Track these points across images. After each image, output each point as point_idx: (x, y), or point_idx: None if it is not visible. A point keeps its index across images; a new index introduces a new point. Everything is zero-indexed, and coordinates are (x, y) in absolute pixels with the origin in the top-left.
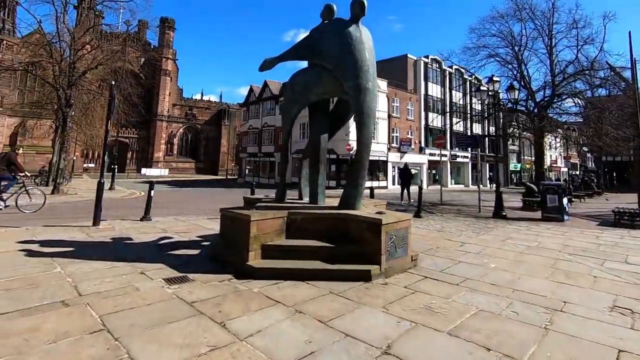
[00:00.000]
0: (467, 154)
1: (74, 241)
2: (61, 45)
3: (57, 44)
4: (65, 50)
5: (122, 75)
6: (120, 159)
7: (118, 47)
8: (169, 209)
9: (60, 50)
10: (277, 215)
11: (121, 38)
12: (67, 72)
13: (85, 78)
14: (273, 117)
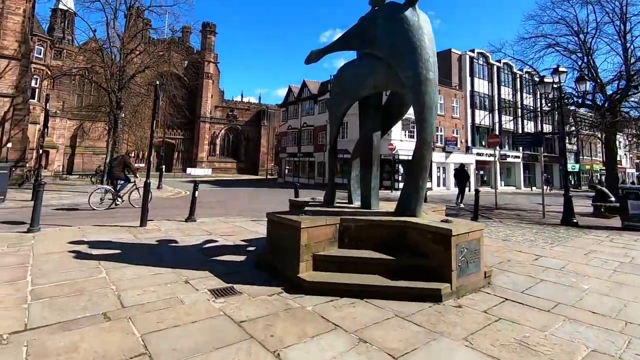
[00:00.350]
0: (519, 153)
1: (120, 243)
2: (112, 50)
3: (108, 49)
4: (116, 55)
5: (167, 78)
6: (168, 159)
7: (163, 51)
8: (213, 209)
9: (111, 55)
10: (329, 221)
11: (165, 43)
12: (118, 76)
13: (133, 81)
14: (312, 117)
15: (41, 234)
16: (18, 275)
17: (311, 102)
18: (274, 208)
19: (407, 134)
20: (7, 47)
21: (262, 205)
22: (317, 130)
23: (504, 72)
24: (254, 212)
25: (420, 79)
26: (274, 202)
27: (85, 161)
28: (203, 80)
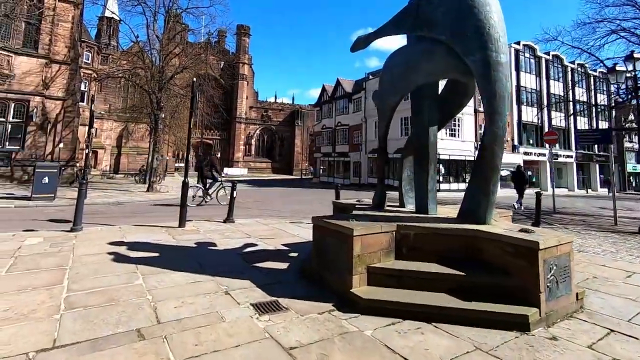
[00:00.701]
0: (571, 152)
1: (159, 245)
2: (152, 52)
3: (149, 51)
4: (156, 57)
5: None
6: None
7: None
8: (250, 210)
9: (151, 57)
10: (385, 229)
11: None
12: (158, 77)
13: (172, 82)
14: (347, 116)
15: (83, 233)
16: (55, 278)
17: (345, 101)
18: (313, 210)
19: (447, 131)
20: (58, 52)
21: (300, 207)
22: (352, 129)
23: (553, 65)
24: (293, 213)
25: (489, 62)
26: (311, 203)
27: (130, 161)
28: (238, 81)
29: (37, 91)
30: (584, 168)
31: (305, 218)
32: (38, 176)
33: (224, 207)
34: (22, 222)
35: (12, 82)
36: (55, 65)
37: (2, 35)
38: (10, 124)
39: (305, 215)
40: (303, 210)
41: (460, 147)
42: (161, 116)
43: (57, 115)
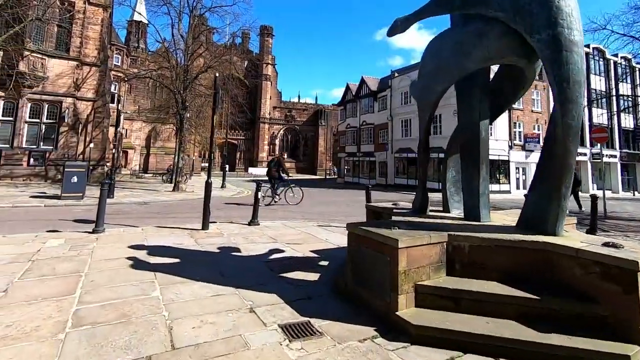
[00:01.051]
0: (615, 152)
1: (180, 249)
2: (176, 52)
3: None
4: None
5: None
6: (231, 158)
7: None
8: (276, 211)
9: (176, 56)
10: (435, 239)
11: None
12: (182, 77)
13: (197, 82)
14: (372, 115)
15: (104, 235)
16: (68, 287)
17: (370, 100)
18: (341, 212)
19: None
20: (88, 54)
21: (327, 208)
22: (377, 128)
23: (593, 58)
24: (320, 215)
25: (560, 41)
26: (339, 205)
27: (158, 160)
28: (262, 82)
29: (69, 92)
30: (629, 168)
31: (333, 221)
32: (67, 175)
33: (280, 208)
34: (49, 222)
35: (46, 83)
36: (85, 67)
37: (36, 38)
38: (44, 124)
39: (333, 217)
40: (331, 213)
41: (493, 147)
42: (186, 116)
43: (87, 116)
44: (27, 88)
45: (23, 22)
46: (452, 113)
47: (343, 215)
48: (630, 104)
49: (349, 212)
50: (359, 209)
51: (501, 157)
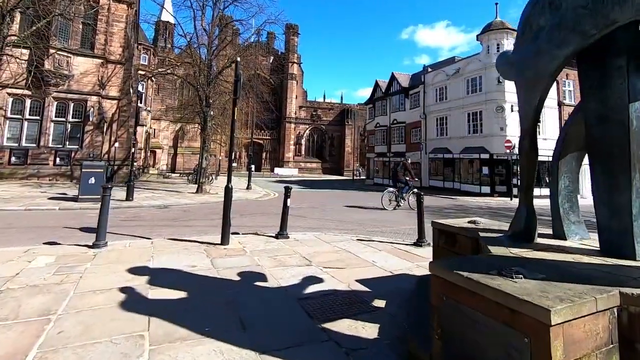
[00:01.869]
0: None
1: (191, 275)
2: (199, 48)
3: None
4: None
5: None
6: (257, 159)
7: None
8: (305, 218)
9: (199, 51)
10: (602, 303)
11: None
12: (206, 72)
13: (222, 78)
14: (403, 113)
15: (104, 252)
16: (23, 342)
17: (401, 97)
18: (382, 221)
19: None
20: (113, 52)
21: (363, 216)
22: (409, 127)
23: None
24: (358, 225)
25: None
26: (377, 211)
27: (185, 160)
28: (287, 81)
29: (94, 91)
30: None
31: (374, 233)
32: (84, 176)
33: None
34: (54, 229)
35: (71, 82)
36: (110, 65)
37: (61, 36)
38: (70, 123)
39: (374, 227)
40: (369, 222)
41: (542, 146)
42: (210, 113)
43: (112, 115)
44: (52, 86)
45: (47, 18)
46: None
47: (385, 225)
48: None
49: (392, 220)
50: (403, 217)
51: (550, 157)
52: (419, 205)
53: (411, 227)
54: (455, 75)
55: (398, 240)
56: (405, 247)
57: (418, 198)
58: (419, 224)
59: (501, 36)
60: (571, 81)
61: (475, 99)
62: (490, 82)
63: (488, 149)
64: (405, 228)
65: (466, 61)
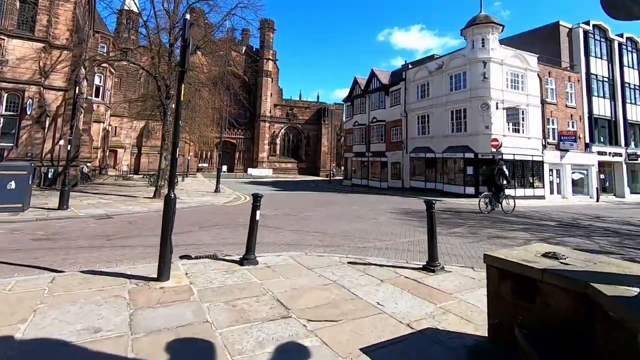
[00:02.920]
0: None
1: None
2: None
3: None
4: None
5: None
6: (230, 159)
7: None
8: (281, 230)
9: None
10: None
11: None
12: (167, 59)
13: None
14: (383, 111)
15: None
16: None
17: (381, 94)
18: (373, 232)
19: (510, 126)
20: (59, 36)
21: (349, 224)
22: (390, 125)
23: (626, 49)
24: (345, 238)
25: None
26: (363, 218)
27: (151, 161)
28: (262, 78)
29: (33, 80)
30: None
31: (367, 248)
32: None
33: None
34: None
35: (5, 69)
36: (55, 51)
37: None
38: (3, 117)
39: (365, 241)
40: (358, 232)
41: (526, 145)
42: (171, 106)
43: (57, 108)
44: None
45: None
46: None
47: (377, 238)
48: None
49: (383, 230)
50: (395, 225)
51: (535, 157)
52: (430, 217)
53: (409, 240)
54: (438, 72)
55: (400, 261)
56: (413, 275)
57: (429, 207)
58: (430, 241)
59: (486, 30)
60: (553, 79)
61: (459, 96)
62: (475, 78)
63: (473, 148)
64: (402, 242)
65: (450, 57)
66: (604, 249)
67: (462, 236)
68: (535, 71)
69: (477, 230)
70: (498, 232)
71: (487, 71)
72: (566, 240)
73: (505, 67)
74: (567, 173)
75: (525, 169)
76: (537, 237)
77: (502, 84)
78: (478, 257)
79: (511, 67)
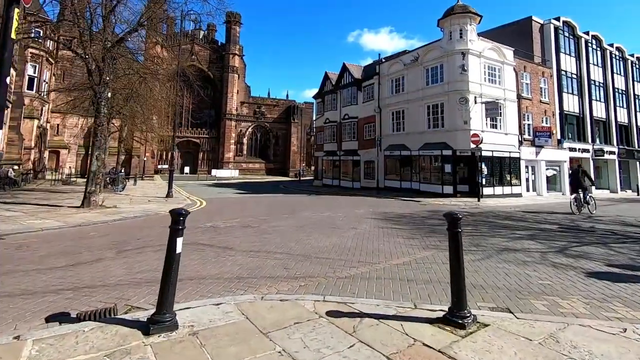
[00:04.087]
0: (614, 148)
1: None
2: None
3: None
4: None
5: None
6: (193, 160)
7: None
8: (233, 251)
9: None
10: None
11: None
12: (102, 37)
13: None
14: (355, 107)
15: None
16: None
17: (354, 90)
18: (358, 250)
19: (488, 122)
20: None
21: (322, 240)
22: (362, 122)
23: (592, 46)
24: (316, 260)
25: None
26: (341, 226)
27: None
28: (228, 74)
29: None
30: (623, 166)
31: (353, 281)
32: None
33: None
34: None
35: None
36: None
37: None
38: None
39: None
40: (337, 250)
41: (504, 141)
42: (106, 95)
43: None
44: None
45: None
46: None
47: (366, 261)
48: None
49: (370, 248)
50: (382, 239)
51: (512, 153)
52: (456, 243)
53: (406, 262)
54: (413, 65)
55: (405, 304)
56: (435, 337)
57: (453, 224)
58: (456, 277)
59: (464, 21)
60: (528, 74)
61: (436, 90)
62: (453, 71)
63: (451, 145)
64: (397, 264)
65: (425, 49)
66: (637, 262)
67: (466, 250)
68: (512, 65)
69: (478, 239)
70: (504, 242)
71: (466, 63)
72: (587, 252)
73: (483, 59)
74: (542, 170)
75: (503, 166)
76: (551, 247)
77: (481, 77)
78: (506, 288)
79: (489, 60)
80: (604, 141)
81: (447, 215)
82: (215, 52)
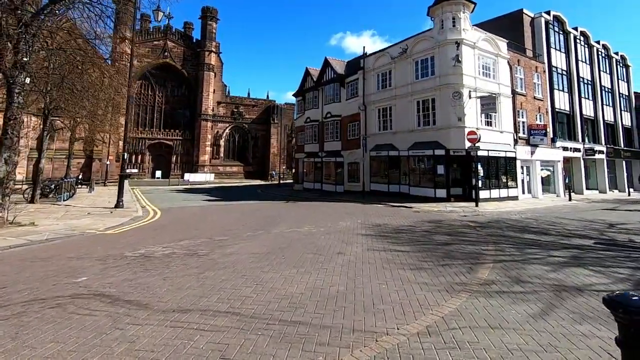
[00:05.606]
0: (602, 147)
1: None
2: None
3: None
4: None
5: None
6: (165, 163)
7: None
8: (144, 315)
9: None
10: None
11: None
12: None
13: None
14: (338, 105)
15: None
16: None
17: (336, 86)
18: (334, 299)
19: (483, 119)
20: None
21: (294, 282)
22: (346, 120)
23: (580, 43)
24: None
25: None
26: (317, 257)
27: (57, 167)
28: (204, 72)
29: None
30: (610, 165)
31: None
32: None
33: None
34: None
35: None
36: None
37: None
38: None
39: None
40: (316, 302)
41: (499, 140)
42: (23, 81)
43: None
44: None
45: None
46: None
47: (365, 324)
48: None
49: (368, 294)
50: (382, 273)
51: (508, 153)
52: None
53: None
54: (401, 57)
55: None
56: None
57: None
58: None
59: (457, 8)
60: (522, 68)
61: (427, 84)
62: (445, 63)
63: (443, 144)
64: (418, 335)
65: (415, 39)
66: None
67: (508, 291)
68: (506, 58)
69: (512, 267)
70: (549, 272)
71: (460, 54)
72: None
73: (477, 51)
74: (536, 170)
75: (499, 167)
76: (617, 279)
77: (475, 70)
78: None
79: (483, 52)
80: (592, 140)
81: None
82: (190, 48)
